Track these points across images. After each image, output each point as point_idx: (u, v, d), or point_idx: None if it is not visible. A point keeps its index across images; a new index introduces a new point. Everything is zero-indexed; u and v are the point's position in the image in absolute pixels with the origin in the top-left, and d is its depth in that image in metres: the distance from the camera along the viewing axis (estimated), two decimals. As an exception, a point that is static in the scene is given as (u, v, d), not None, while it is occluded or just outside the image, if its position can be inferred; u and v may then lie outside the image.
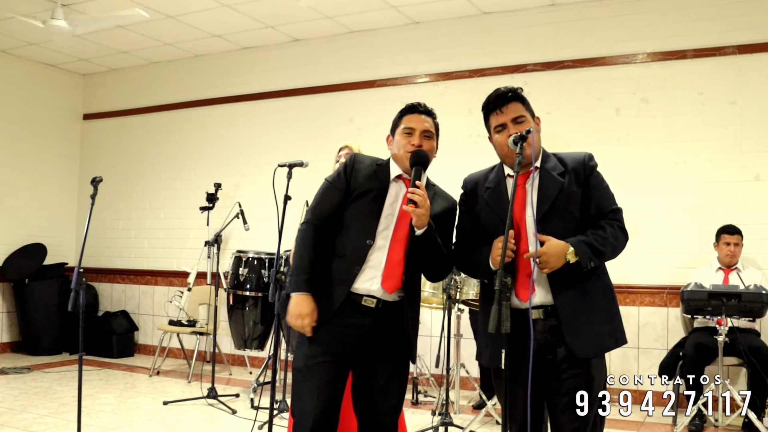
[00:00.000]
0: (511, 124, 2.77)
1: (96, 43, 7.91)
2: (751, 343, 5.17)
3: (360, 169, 2.97)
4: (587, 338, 2.67)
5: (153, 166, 8.66)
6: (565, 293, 2.68)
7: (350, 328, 2.84)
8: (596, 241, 2.68)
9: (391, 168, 2.99)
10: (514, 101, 2.80)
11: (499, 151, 2.85)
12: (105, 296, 8.85)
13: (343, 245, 2.91)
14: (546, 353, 2.69)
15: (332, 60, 7.62)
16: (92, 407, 5.63)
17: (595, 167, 2.84)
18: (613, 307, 2.80)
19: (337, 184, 2.96)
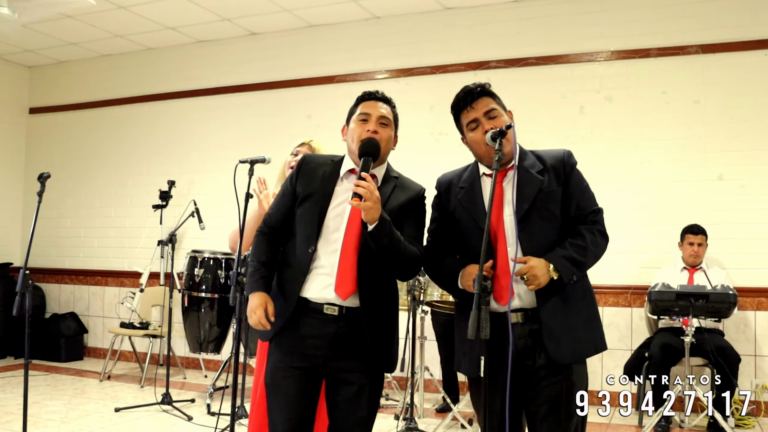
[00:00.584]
0: (483, 119, 2.64)
1: (43, 33, 7.57)
2: (717, 344, 5.15)
3: (308, 171, 2.81)
4: (567, 344, 2.57)
5: (103, 162, 8.34)
6: (548, 298, 2.57)
7: (314, 338, 2.66)
8: (576, 252, 2.58)
9: (344, 163, 2.80)
10: (484, 96, 2.68)
11: (475, 149, 2.71)
12: (52, 297, 8.51)
13: (289, 254, 2.77)
14: (525, 359, 2.58)
15: (290, 54, 7.42)
16: (39, 415, 5.36)
17: (575, 165, 2.74)
18: (593, 311, 2.71)
19: (286, 190, 2.82)
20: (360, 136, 2.70)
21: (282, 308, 2.70)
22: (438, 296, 5.06)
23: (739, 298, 5.16)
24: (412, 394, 4.90)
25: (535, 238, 2.57)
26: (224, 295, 6.03)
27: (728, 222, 5.80)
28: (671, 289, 4.94)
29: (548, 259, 2.53)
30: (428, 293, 5.07)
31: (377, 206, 2.51)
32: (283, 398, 2.67)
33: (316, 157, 2.88)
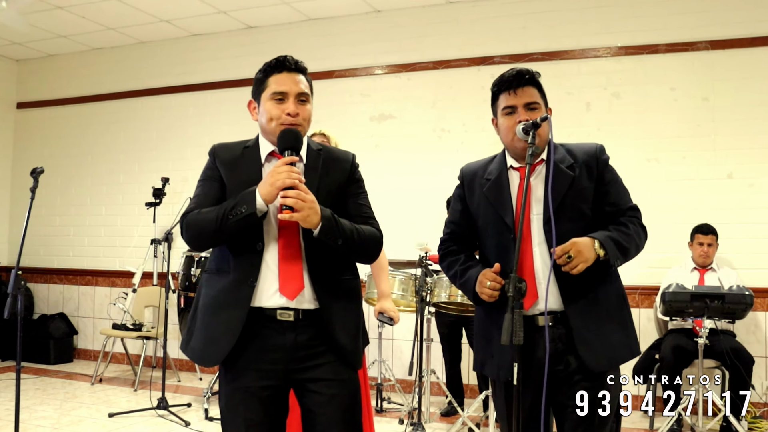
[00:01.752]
0: (522, 108, 2.50)
1: (31, 25, 7.33)
2: (731, 345, 5.03)
3: (226, 158, 2.44)
4: (601, 350, 2.43)
5: (94, 159, 8.13)
6: (576, 300, 2.44)
7: (271, 351, 2.31)
8: (621, 237, 2.44)
9: (262, 146, 2.45)
10: (531, 85, 2.53)
11: (502, 136, 2.58)
12: (41, 298, 8.28)
13: (221, 259, 2.39)
14: (556, 364, 2.44)
15: (288, 49, 7.12)
16: (29, 421, 5.16)
17: (608, 160, 2.61)
18: (627, 316, 2.57)
19: (211, 176, 2.44)
20: (280, 119, 2.36)
21: (225, 325, 2.31)
22: (445, 297, 4.91)
23: (752, 298, 5.06)
24: (419, 398, 4.75)
25: (564, 238, 2.43)
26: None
27: (738, 221, 5.69)
28: (686, 289, 4.81)
29: (593, 237, 2.39)
30: (435, 294, 4.91)
31: (315, 209, 2.23)
32: (243, 426, 2.32)
33: (228, 145, 2.51)
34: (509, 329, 2.26)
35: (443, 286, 4.91)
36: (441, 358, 5.78)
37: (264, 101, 2.41)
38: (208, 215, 2.30)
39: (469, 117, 6.43)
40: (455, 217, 2.73)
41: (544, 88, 2.62)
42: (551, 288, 2.43)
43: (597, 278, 2.46)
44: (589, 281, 2.44)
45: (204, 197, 2.41)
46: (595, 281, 2.46)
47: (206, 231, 2.32)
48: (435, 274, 4.95)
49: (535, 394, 2.40)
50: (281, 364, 2.32)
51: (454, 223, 2.72)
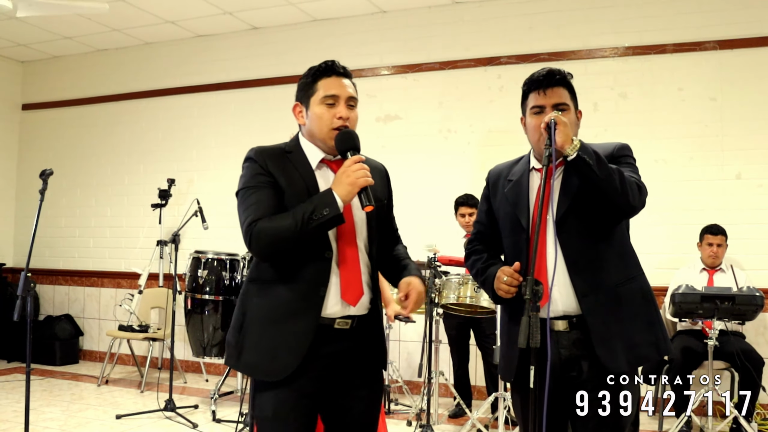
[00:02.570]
0: (550, 109, 2.45)
1: (37, 27, 7.35)
2: (741, 347, 5.01)
3: (277, 164, 2.36)
4: (621, 349, 2.40)
5: (99, 160, 8.12)
6: (595, 300, 2.40)
7: (324, 359, 2.31)
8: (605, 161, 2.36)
9: (307, 151, 2.42)
10: (562, 86, 2.49)
11: (529, 136, 2.54)
12: (47, 299, 8.27)
13: (283, 267, 2.32)
14: (569, 369, 2.42)
15: (293, 50, 7.24)
16: (37, 422, 5.14)
17: (627, 154, 2.57)
18: (654, 314, 2.51)
19: (264, 183, 2.34)
20: (331, 124, 2.35)
21: (293, 336, 2.27)
22: (454, 299, 4.89)
23: (758, 299, 5.04)
24: (428, 400, 4.73)
25: (575, 237, 2.41)
26: (229, 297, 5.83)
27: (746, 222, 5.68)
28: (695, 291, 4.79)
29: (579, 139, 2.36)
30: (444, 296, 4.90)
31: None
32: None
33: (268, 149, 2.42)
34: (526, 332, 2.23)
35: (452, 287, 4.90)
36: (449, 360, 5.77)
37: (313, 105, 2.38)
38: (283, 222, 2.23)
39: (475, 117, 6.41)
40: (481, 217, 2.73)
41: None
42: (569, 292, 2.41)
43: (618, 278, 2.44)
44: (610, 282, 2.42)
45: (262, 204, 2.30)
46: (617, 281, 2.44)
47: (284, 237, 2.23)
48: (444, 276, 4.94)
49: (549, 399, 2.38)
50: (331, 372, 2.32)
51: (480, 223, 2.73)
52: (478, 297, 4.79)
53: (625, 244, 2.55)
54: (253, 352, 2.31)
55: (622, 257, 2.50)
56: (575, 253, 2.42)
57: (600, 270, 2.43)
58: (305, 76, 2.43)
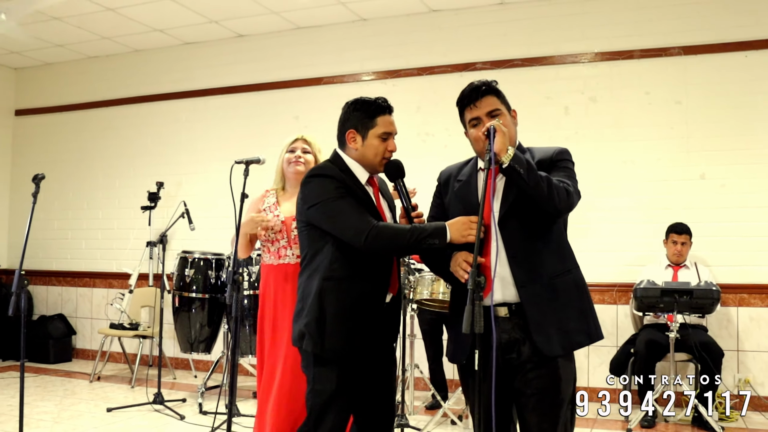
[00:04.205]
0: (486, 117, 2.70)
1: (29, 35, 7.57)
2: (701, 339, 5.26)
3: (345, 180, 2.83)
4: (556, 335, 2.63)
5: (90, 164, 8.35)
6: (532, 290, 2.63)
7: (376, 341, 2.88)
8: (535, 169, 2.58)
9: (356, 171, 2.89)
10: (489, 95, 2.73)
11: (474, 146, 2.79)
12: (40, 299, 8.50)
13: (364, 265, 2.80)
14: (509, 352, 2.65)
15: (277, 56, 7.47)
16: (31, 416, 5.37)
17: (565, 158, 2.79)
18: (586, 303, 2.75)
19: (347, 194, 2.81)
20: (384, 155, 2.89)
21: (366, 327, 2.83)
22: (427, 294, 5.12)
23: (721, 294, 5.28)
24: (403, 391, 4.97)
25: (514, 235, 2.65)
26: (215, 295, 6.06)
27: (710, 220, 5.92)
28: (656, 285, 5.04)
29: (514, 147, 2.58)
30: (418, 291, 5.13)
31: None
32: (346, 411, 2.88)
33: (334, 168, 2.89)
34: (469, 319, 2.46)
35: (425, 284, 5.12)
36: (425, 354, 6.00)
37: (371, 137, 2.88)
38: (399, 233, 2.72)
39: (452, 121, 6.48)
40: (433, 211, 2.96)
41: (525, 92, 2.86)
42: (508, 282, 2.64)
43: (554, 271, 2.68)
44: (546, 274, 2.66)
45: (360, 209, 2.77)
46: (553, 274, 2.67)
47: (397, 246, 2.74)
48: (417, 273, 5.18)
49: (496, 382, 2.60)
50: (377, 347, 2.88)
51: (433, 217, 2.94)
52: (450, 292, 5.01)
53: (561, 240, 2.77)
54: (334, 339, 2.78)
55: (558, 252, 2.73)
56: (515, 247, 2.65)
57: (537, 263, 2.66)
58: (360, 110, 2.91)
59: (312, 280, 2.83)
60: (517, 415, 2.74)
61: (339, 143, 2.96)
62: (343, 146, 2.94)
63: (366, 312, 2.80)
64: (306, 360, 2.86)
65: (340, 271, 2.79)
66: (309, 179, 2.87)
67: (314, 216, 2.82)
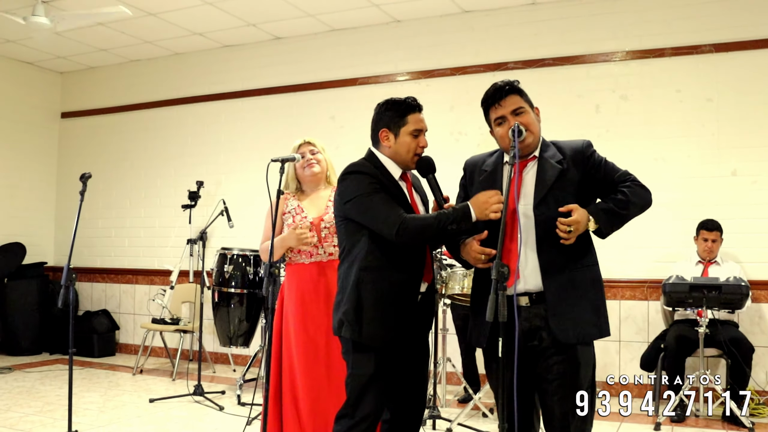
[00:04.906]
0: (510, 116, 2.82)
1: (74, 40, 7.86)
2: (730, 335, 5.29)
3: (378, 176, 2.98)
4: (571, 325, 2.73)
5: (133, 164, 8.62)
6: (555, 280, 2.74)
7: (409, 327, 3.00)
8: (616, 206, 2.76)
9: (389, 167, 3.04)
10: (512, 94, 2.85)
11: (500, 143, 2.92)
12: (85, 296, 8.79)
13: (391, 256, 2.93)
14: (531, 340, 2.76)
15: (314, 58, 7.65)
16: (78, 405, 5.60)
17: (594, 151, 2.92)
18: (600, 299, 2.86)
19: (380, 190, 2.95)
20: (416, 151, 3.04)
21: (402, 315, 2.97)
22: (459, 289, 5.23)
23: (753, 290, 5.31)
24: (435, 384, 5.09)
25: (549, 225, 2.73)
26: (253, 290, 6.25)
27: (742, 216, 5.94)
28: (685, 281, 5.09)
29: (589, 211, 2.72)
30: (450, 287, 5.24)
31: None
32: (382, 392, 3.00)
33: (368, 165, 3.04)
34: (493, 308, 2.58)
35: (457, 279, 5.24)
36: (458, 348, 6.12)
37: (403, 134, 3.02)
38: (426, 222, 2.87)
39: (484, 121, 6.71)
40: (459, 200, 3.08)
41: (556, 91, 2.97)
42: (533, 271, 2.76)
43: (576, 264, 2.79)
44: (568, 266, 2.77)
45: (393, 203, 2.92)
46: (574, 267, 2.78)
47: (427, 235, 2.88)
48: (449, 268, 5.29)
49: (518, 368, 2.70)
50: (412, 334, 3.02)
51: None
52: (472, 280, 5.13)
53: (585, 236, 2.86)
54: (372, 325, 2.91)
55: (582, 246, 2.82)
56: (543, 238, 2.75)
57: (563, 255, 2.76)
58: (391, 109, 3.07)
59: (350, 270, 2.98)
60: (539, 400, 2.85)
61: (373, 142, 3.11)
62: (377, 144, 3.09)
63: (401, 300, 2.93)
64: (346, 347, 3.02)
65: (376, 262, 2.93)
66: (345, 176, 3.02)
67: (350, 210, 2.97)
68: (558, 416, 2.76)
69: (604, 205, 2.77)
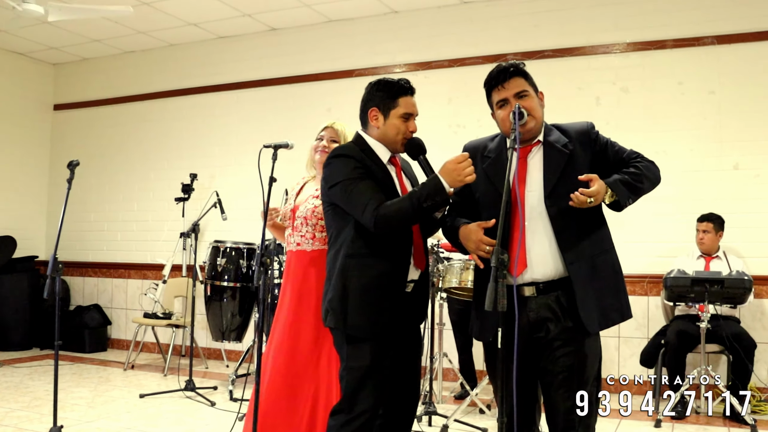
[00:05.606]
0: (513, 99, 2.71)
1: (67, 30, 7.74)
2: (733, 330, 5.20)
3: (364, 160, 2.86)
4: (596, 312, 2.64)
5: (125, 157, 8.50)
6: (578, 267, 2.64)
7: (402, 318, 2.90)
8: (632, 178, 2.67)
9: (378, 150, 2.93)
10: (517, 76, 2.74)
11: (501, 126, 2.81)
12: (77, 290, 8.67)
13: (376, 243, 2.81)
14: (537, 331, 2.66)
15: (310, 49, 7.54)
16: (66, 400, 5.49)
17: (599, 133, 2.84)
18: (621, 283, 2.77)
19: (365, 175, 2.83)
20: (405, 135, 2.92)
21: (389, 302, 2.85)
22: (456, 283, 5.12)
23: (755, 285, 5.21)
24: (431, 380, 4.99)
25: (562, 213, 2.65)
26: (246, 284, 6.13)
27: (744, 211, 5.84)
28: (686, 275, 4.99)
29: (607, 183, 2.62)
30: (447, 280, 5.14)
31: None
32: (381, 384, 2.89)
33: (353, 148, 2.93)
34: (492, 297, 2.47)
35: (454, 272, 5.13)
36: (454, 343, 6.01)
37: (393, 117, 2.90)
38: (400, 205, 2.72)
39: (483, 113, 6.45)
40: (457, 189, 2.90)
41: (556, 83, 2.87)
42: (542, 260, 2.65)
43: (596, 250, 2.69)
44: (590, 253, 2.67)
45: (374, 190, 2.77)
46: (593, 251, 2.68)
47: (404, 218, 2.73)
48: (446, 261, 5.19)
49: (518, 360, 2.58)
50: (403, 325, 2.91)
51: (456, 195, 2.90)
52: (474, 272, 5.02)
53: (600, 221, 2.78)
54: (357, 315, 2.80)
55: (599, 231, 2.74)
56: (561, 225, 2.65)
57: (582, 240, 2.67)
58: (382, 90, 2.93)
59: (336, 257, 2.87)
60: (543, 393, 2.76)
61: (362, 123, 3.00)
62: (365, 126, 2.98)
63: (389, 289, 2.81)
64: (337, 339, 2.90)
65: (362, 249, 2.82)
66: (331, 160, 2.91)
67: (334, 195, 2.86)
68: (563, 411, 2.66)
69: (620, 177, 2.67)
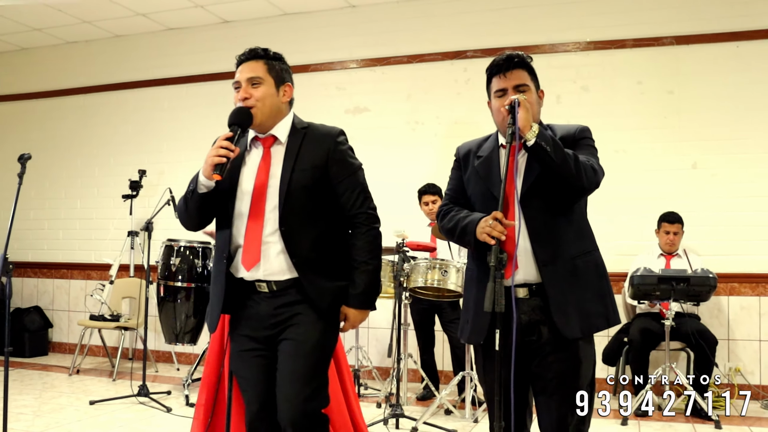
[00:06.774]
0: (512, 90, 2.61)
1: (5, 18, 7.35)
2: (696, 327, 5.24)
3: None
4: (576, 317, 2.54)
5: (69, 152, 8.14)
6: (553, 269, 2.54)
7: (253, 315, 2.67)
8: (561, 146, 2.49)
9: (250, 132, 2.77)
10: (520, 68, 2.63)
11: (495, 117, 2.69)
12: (15, 291, 8.24)
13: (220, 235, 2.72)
14: (529, 334, 2.57)
15: (264, 43, 7.16)
16: (10, 409, 5.12)
17: (587, 136, 2.72)
18: (606, 287, 2.66)
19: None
20: (235, 104, 2.67)
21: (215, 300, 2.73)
22: (422, 282, 5.03)
23: (715, 282, 5.26)
24: (398, 380, 4.87)
25: (536, 213, 2.56)
26: (201, 284, 5.91)
27: (702, 209, 5.92)
28: (653, 273, 5.00)
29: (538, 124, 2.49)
30: (412, 279, 5.04)
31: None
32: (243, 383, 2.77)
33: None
34: (491, 297, 2.38)
35: (420, 272, 5.04)
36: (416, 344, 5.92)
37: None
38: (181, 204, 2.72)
39: (442, 110, 6.58)
40: (453, 185, 2.84)
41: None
42: (529, 262, 2.55)
43: (575, 251, 2.59)
44: (568, 254, 2.57)
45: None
46: (573, 253, 2.58)
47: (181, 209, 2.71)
48: (412, 260, 5.09)
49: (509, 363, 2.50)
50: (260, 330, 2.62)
51: (453, 190, 2.82)
52: (445, 280, 4.95)
53: (583, 221, 2.69)
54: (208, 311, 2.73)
55: (579, 232, 2.64)
56: (537, 225, 2.55)
57: (559, 242, 2.56)
58: None
59: None
60: (534, 398, 2.67)
61: None
62: None
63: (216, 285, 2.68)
64: None
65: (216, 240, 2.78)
66: None
67: None
68: (556, 417, 2.57)
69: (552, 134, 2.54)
